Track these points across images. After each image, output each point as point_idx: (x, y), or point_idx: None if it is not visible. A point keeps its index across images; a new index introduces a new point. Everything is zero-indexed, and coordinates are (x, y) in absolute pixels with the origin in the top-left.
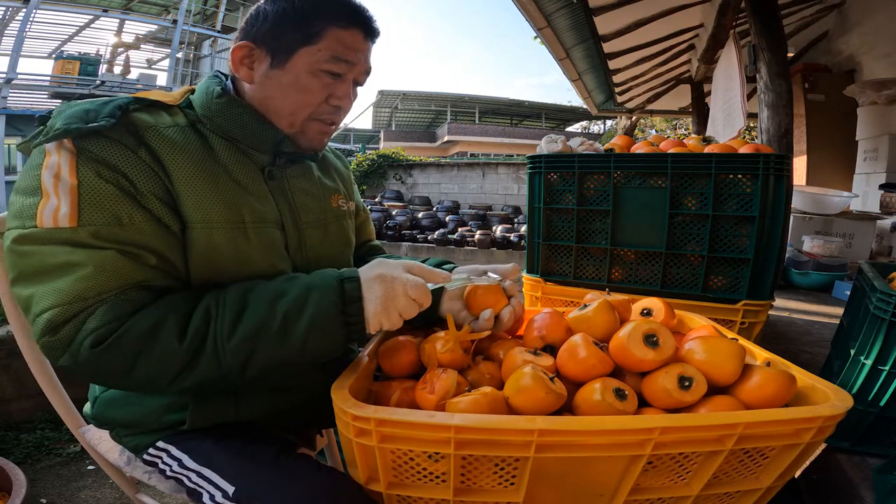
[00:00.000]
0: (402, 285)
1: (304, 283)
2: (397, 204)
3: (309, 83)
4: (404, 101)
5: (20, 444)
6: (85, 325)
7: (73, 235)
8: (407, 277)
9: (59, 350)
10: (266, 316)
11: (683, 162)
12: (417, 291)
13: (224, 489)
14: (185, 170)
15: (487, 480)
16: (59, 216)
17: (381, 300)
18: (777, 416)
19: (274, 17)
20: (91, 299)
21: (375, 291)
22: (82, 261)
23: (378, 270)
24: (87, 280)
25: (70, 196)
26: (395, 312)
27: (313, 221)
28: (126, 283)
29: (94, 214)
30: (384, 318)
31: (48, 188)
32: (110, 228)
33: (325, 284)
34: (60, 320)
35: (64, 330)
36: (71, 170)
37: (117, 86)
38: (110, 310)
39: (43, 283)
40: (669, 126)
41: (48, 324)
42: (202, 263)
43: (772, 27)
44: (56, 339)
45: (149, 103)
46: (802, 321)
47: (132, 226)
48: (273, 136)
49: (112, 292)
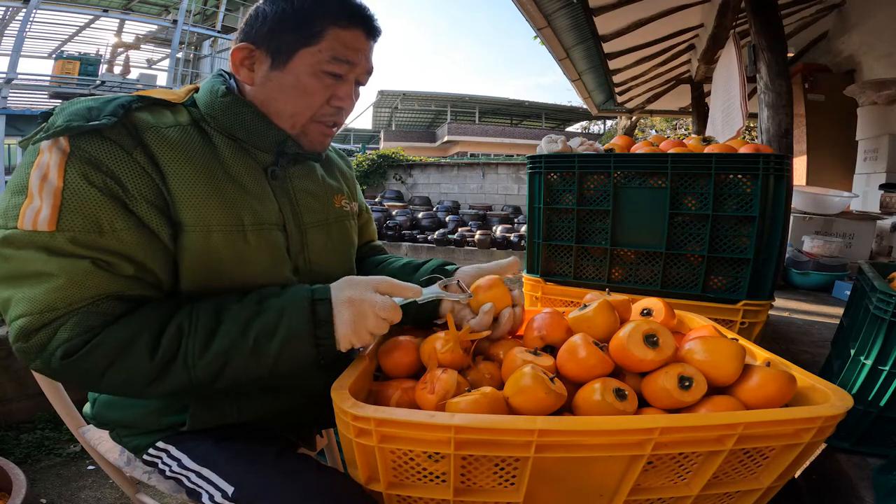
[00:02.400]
0: (370, 307)
1: (276, 305)
2: (397, 204)
3: (310, 84)
4: (404, 101)
5: (20, 444)
6: (56, 335)
7: (50, 240)
8: (374, 299)
9: (31, 355)
10: (238, 337)
11: (683, 162)
12: (386, 312)
13: (224, 489)
14: (183, 171)
15: (487, 480)
16: (38, 219)
17: (351, 323)
18: (777, 416)
19: (273, 17)
20: (62, 310)
21: (344, 315)
22: (55, 271)
23: (347, 294)
24: (59, 291)
25: (53, 199)
26: (365, 332)
27: (316, 222)
28: (98, 295)
29: (74, 220)
30: (354, 339)
31: (34, 189)
32: (89, 235)
33: (296, 307)
34: (32, 328)
35: (36, 338)
36: (59, 171)
37: (117, 86)
38: (82, 321)
39: (18, 289)
40: (669, 126)
41: (20, 330)
42: (199, 267)
43: (772, 27)
44: (28, 345)
45: (152, 102)
46: (802, 321)
47: (112, 233)
48: (276, 136)
49: (84, 303)
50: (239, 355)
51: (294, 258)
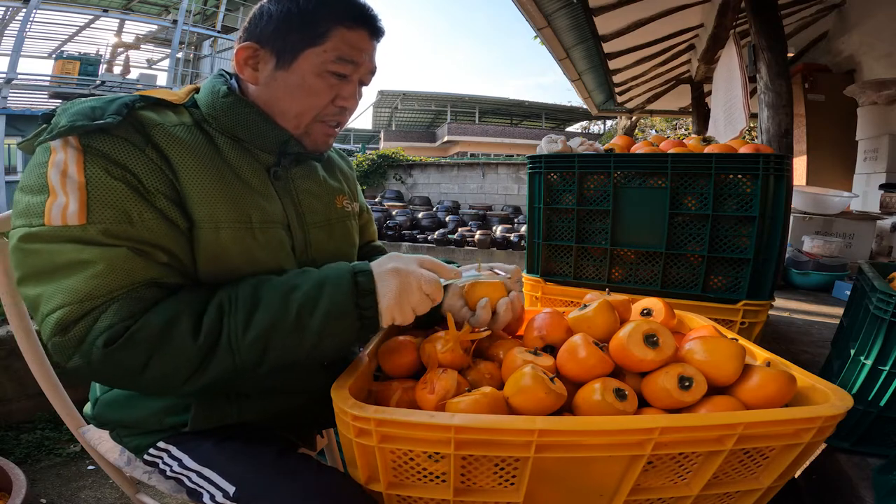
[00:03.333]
0: (416, 279)
1: (316, 277)
2: (397, 204)
3: (315, 84)
4: (404, 101)
5: (20, 444)
6: (97, 324)
7: (83, 233)
8: (421, 272)
9: (69, 350)
10: (280, 310)
11: (683, 162)
12: (431, 287)
13: (224, 489)
14: (192, 168)
15: (487, 480)
16: (67, 214)
17: (396, 294)
18: (777, 416)
19: (279, 17)
20: (102, 297)
21: (389, 285)
22: (93, 258)
23: (393, 264)
24: (98, 278)
25: (79, 193)
26: (409, 307)
27: (319, 222)
28: (138, 281)
29: (104, 212)
30: (397, 313)
31: (55, 186)
32: (121, 226)
33: (338, 277)
34: (71, 319)
35: (75, 329)
36: (79, 167)
37: (117, 86)
38: (123, 307)
39: (52, 282)
40: (669, 126)
41: (58, 323)
42: (210, 263)
43: (772, 27)
44: (66, 339)
45: (154, 101)
46: (802, 321)
47: (142, 223)
48: (279, 136)
49: (124, 290)
50: (282, 330)
51: (298, 257)
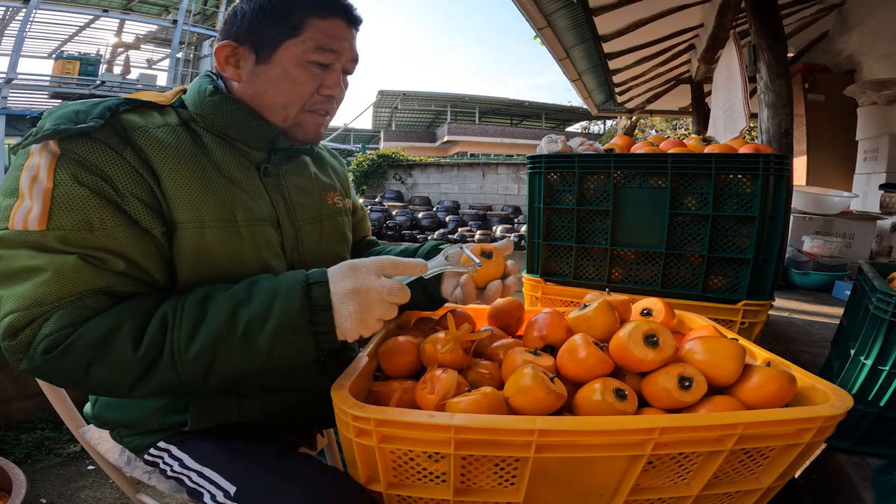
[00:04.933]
0: (377, 293)
1: (268, 288)
2: (397, 204)
3: (298, 75)
4: (404, 102)
5: (20, 444)
6: (40, 331)
7: (41, 239)
8: (381, 284)
9: (18, 354)
10: (227, 324)
11: (683, 162)
12: (394, 294)
13: (225, 489)
14: (174, 170)
15: (487, 480)
16: (29, 219)
17: (357, 315)
18: (777, 416)
19: (252, 14)
20: (49, 305)
21: (349, 307)
22: (42, 266)
23: (350, 284)
24: (46, 285)
25: (43, 199)
26: (373, 320)
27: (309, 219)
28: (85, 289)
29: (64, 218)
30: (363, 331)
31: (24, 190)
32: (79, 233)
33: (290, 290)
34: (19, 325)
35: (22, 335)
36: (49, 172)
37: (117, 86)
38: (65, 316)
39: (7, 287)
40: (669, 126)
41: (9, 327)
42: (194, 264)
43: (772, 27)
44: (15, 343)
45: (140, 104)
46: (802, 321)
47: (103, 231)
48: (268, 132)
49: (70, 298)
50: (229, 346)
51: (288, 254)
